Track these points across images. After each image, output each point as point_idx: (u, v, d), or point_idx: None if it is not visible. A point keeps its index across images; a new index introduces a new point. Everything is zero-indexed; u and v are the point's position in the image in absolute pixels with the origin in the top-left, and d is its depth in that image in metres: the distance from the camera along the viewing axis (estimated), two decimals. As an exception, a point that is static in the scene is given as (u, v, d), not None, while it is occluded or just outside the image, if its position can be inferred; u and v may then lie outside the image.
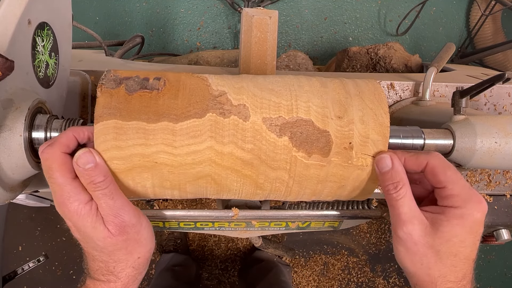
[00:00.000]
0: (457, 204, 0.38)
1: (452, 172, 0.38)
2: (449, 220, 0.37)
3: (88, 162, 0.37)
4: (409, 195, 0.39)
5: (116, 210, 0.38)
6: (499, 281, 1.76)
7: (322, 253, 1.66)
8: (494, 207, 0.70)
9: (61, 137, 0.38)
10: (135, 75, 0.41)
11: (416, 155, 0.40)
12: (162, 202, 1.44)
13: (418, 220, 0.38)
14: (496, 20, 1.58)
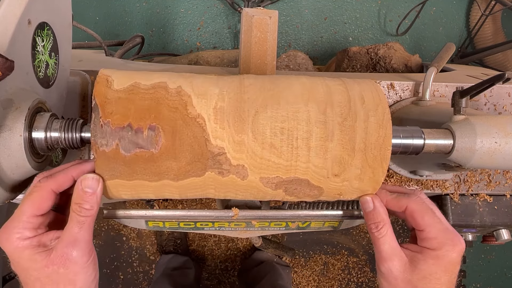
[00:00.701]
0: (433, 246, 0.41)
1: (429, 217, 0.42)
2: (425, 259, 0.41)
3: (90, 187, 0.39)
4: (389, 234, 0.43)
5: (73, 241, 0.38)
6: (499, 281, 1.76)
7: (322, 253, 1.66)
8: (494, 207, 0.70)
9: (59, 175, 0.40)
10: (127, 123, 0.38)
11: (398, 198, 0.44)
12: (162, 202, 1.44)
13: (397, 258, 0.42)
14: (496, 20, 1.58)
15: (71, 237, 0.38)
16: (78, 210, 0.39)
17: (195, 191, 0.43)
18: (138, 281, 1.59)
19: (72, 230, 0.39)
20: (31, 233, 0.38)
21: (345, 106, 0.41)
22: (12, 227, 0.38)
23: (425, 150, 0.46)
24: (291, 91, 0.42)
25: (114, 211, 0.51)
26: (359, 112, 0.41)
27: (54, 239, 0.39)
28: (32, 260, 0.38)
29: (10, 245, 0.38)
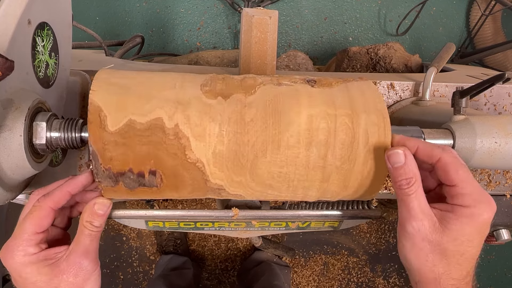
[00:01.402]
0: (467, 203, 0.37)
1: (463, 171, 0.38)
2: (458, 218, 0.37)
3: (101, 210, 0.43)
4: (420, 191, 0.39)
5: (85, 251, 0.42)
6: (499, 281, 1.76)
7: (322, 253, 1.66)
8: (494, 207, 0.70)
9: (56, 193, 0.42)
10: (128, 169, 0.40)
11: (431, 147, 0.40)
12: (162, 202, 1.44)
13: (427, 217, 0.38)
14: (496, 20, 1.58)
15: (83, 248, 0.42)
16: (90, 227, 0.42)
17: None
18: (138, 281, 1.59)
19: (84, 242, 0.42)
20: (35, 249, 0.41)
21: (347, 149, 0.41)
22: (15, 245, 0.40)
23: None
24: (294, 130, 0.41)
25: (114, 211, 0.51)
26: (359, 155, 0.41)
27: (61, 252, 0.42)
28: (41, 273, 0.40)
29: (14, 262, 0.40)
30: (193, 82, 0.43)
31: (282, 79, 0.45)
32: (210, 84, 0.43)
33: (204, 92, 0.41)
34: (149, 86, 0.42)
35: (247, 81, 0.44)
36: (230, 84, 0.43)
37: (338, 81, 0.45)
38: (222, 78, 0.44)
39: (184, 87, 0.42)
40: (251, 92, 0.42)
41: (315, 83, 0.44)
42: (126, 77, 0.43)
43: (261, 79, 0.45)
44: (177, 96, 0.41)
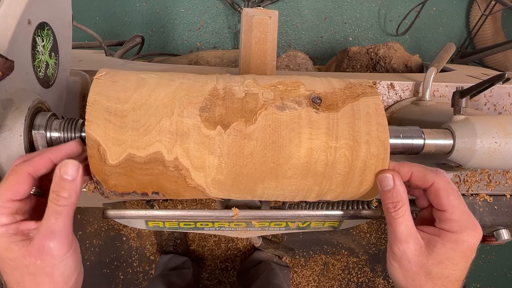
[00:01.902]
0: (454, 229, 0.39)
1: (454, 197, 0.40)
2: (444, 243, 0.39)
3: (68, 174, 0.37)
4: (407, 215, 0.40)
5: (49, 232, 0.36)
6: (499, 281, 1.76)
7: (322, 253, 1.66)
8: (494, 207, 0.70)
9: (36, 158, 0.38)
10: (132, 191, 0.42)
11: (424, 171, 0.41)
12: (162, 202, 1.44)
13: (413, 240, 0.40)
14: (496, 20, 1.58)
15: (47, 228, 0.36)
16: (56, 199, 0.36)
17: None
18: (138, 281, 1.59)
19: (48, 220, 0.36)
20: (8, 219, 0.36)
21: (342, 177, 0.42)
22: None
23: (425, 150, 0.46)
24: (293, 164, 0.41)
25: (114, 211, 0.51)
26: (354, 182, 0.43)
27: (34, 229, 0.37)
28: (8, 249, 0.36)
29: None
30: (192, 103, 0.41)
31: (287, 96, 0.42)
32: (209, 108, 0.41)
33: (203, 120, 0.41)
34: (145, 111, 0.40)
35: (249, 103, 0.42)
36: (231, 108, 0.41)
37: (345, 99, 0.43)
38: (222, 97, 0.42)
39: (182, 114, 0.40)
40: (252, 121, 0.41)
41: (320, 104, 0.42)
42: (121, 97, 0.40)
43: (264, 96, 0.42)
44: (175, 126, 0.40)
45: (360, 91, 0.44)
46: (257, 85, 0.43)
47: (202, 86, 0.42)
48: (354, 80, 0.46)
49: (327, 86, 0.45)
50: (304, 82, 0.45)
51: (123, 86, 0.41)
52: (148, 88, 0.41)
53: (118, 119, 0.39)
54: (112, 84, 0.41)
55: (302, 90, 0.43)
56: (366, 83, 0.45)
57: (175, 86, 0.42)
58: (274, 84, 0.44)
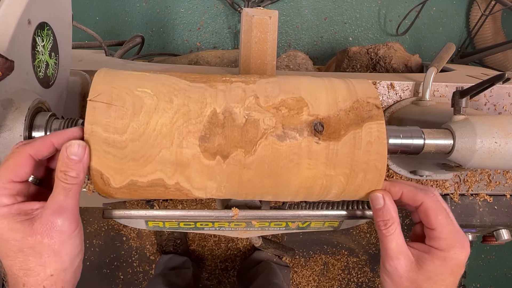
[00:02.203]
0: (442, 247, 0.41)
1: (443, 217, 0.42)
2: (433, 260, 0.41)
3: (75, 154, 0.37)
4: (397, 232, 0.42)
5: (59, 208, 0.37)
6: (499, 281, 1.76)
7: (322, 253, 1.66)
8: (494, 207, 0.70)
9: (37, 140, 0.38)
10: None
11: (414, 191, 0.43)
12: (162, 202, 1.44)
13: (404, 256, 0.42)
14: (496, 20, 1.58)
15: (56, 204, 0.36)
16: (64, 178, 0.37)
17: None
18: (138, 281, 1.59)
19: (58, 197, 0.37)
20: (9, 200, 0.36)
21: (336, 195, 0.45)
22: None
23: (425, 150, 0.46)
24: (290, 191, 0.44)
25: (114, 211, 0.51)
26: (347, 196, 0.46)
27: (37, 209, 0.37)
28: (13, 229, 0.36)
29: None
30: (191, 132, 0.41)
31: (288, 123, 0.41)
32: (209, 138, 0.41)
33: (202, 150, 0.41)
34: (144, 142, 0.40)
35: (249, 132, 0.41)
36: (230, 137, 0.41)
37: (348, 126, 0.42)
38: (222, 124, 0.41)
39: (181, 145, 0.40)
40: (251, 152, 0.41)
41: (321, 133, 0.42)
42: (118, 127, 0.40)
43: (265, 123, 0.41)
44: (175, 156, 0.41)
45: (365, 114, 0.43)
46: (259, 106, 0.42)
47: (201, 109, 0.41)
48: (361, 92, 0.44)
49: (332, 103, 0.43)
50: (308, 100, 0.43)
51: (119, 112, 0.40)
52: (145, 113, 0.40)
53: (118, 150, 0.39)
54: (107, 109, 0.39)
55: (305, 115, 0.42)
56: (374, 102, 0.44)
57: (173, 111, 0.41)
58: (276, 105, 0.42)
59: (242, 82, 0.44)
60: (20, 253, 0.36)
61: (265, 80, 0.45)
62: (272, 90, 0.43)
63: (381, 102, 0.68)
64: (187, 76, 0.45)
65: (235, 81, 0.44)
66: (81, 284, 0.42)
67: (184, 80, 0.44)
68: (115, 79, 0.42)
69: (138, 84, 0.42)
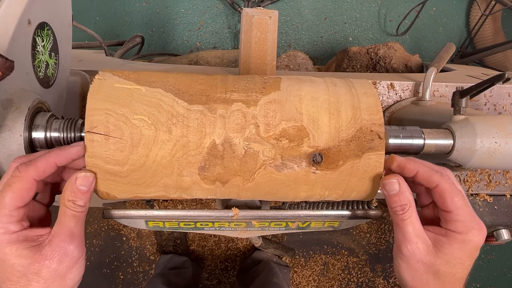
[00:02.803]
0: (460, 230, 0.40)
1: (459, 199, 0.40)
2: (451, 243, 0.40)
3: (84, 186, 0.39)
4: (414, 216, 0.41)
5: (70, 235, 0.38)
6: (499, 281, 1.76)
7: (322, 253, 1.66)
8: (494, 207, 0.70)
9: (41, 162, 0.38)
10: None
11: (430, 172, 0.42)
12: (162, 202, 1.44)
13: (421, 240, 0.41)
14: (496, 20, 1.58)
15: (68, 231, 0.38)
16: (73, 206, 0.38)
17: None
18: (138, 281, 1.59)
19: (68, 224, 0.38)
20: (17, 226, 0.36)
21: (334, 199, 0.48)
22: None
23: (425, 150, 0.46)
24: (287, 199, 0.46)
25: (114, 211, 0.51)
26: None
27: (44, 235, 0.38)
28: (21, 256, 0.36)
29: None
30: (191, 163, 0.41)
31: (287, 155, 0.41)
32: (208, 168, 0.41)
33: (202, 178, 0.42)
34: (145, 172, 0.41)
35: (248, 163, 0.42)
36: (229, 167, 0.42)
37: (347, 157, 0.42)
38: (221, 155, 0.41)
39: (182, 174, 0.41)
40: (250, 180, 0.42)
41: (320, 163, 0.42)
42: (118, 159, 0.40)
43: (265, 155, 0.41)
44: (176, 183, 0.42)
45: (367, 144, 0.42)
46: (259, 137, 0.41)
47: (200, 140, 0.41)
48: (365, 113, 0.43)
49: (334, 132, 0.42)
50: (310, 129, 0.42)
51: (118, 144, 0.40)
52: (144, 145, 0.40)
53: (121, 179, 0.41)
54: (106, 141, 0.40)
55: (305, 147, 0.42)
56: (377, 130, 0.42)
57: (172, 143, 0.40)
58: (277, 135, 0.41)
59: (242, 103, 0.42)
60: (23, 278, 0.37)
61: (266, 99, 0.42)
62: (273, 116, 0.42)
63: (381, 102, 0.68)
64: (185, 88, 0.43)
65: (235, 100, 0.42)
66: (81, 284, 0.42)
67: (182, 100, 0.42)
68: (111, 98, 0.41)
69: (134, 109, 0.40)
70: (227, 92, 0.43)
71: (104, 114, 0.40)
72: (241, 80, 0.45)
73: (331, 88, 0.45)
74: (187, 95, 0.42)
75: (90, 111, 0.40)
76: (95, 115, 0.40)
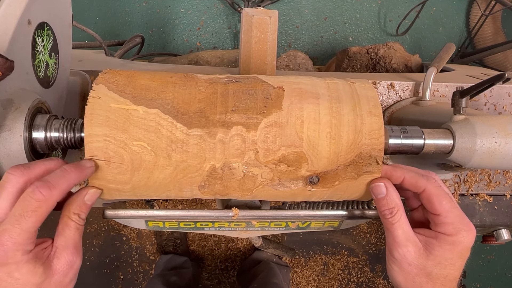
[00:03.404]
0: (449, 232, 0.41)
1: (447, 201, 0.41)
2: (441, 245, 0.41)
3: (91, 200, 0.40)
4: (403, 219, 0.42)
5: (75, 248, 0.39)
6: (499, 281, 1.76)
7: (322, 253, 1.66)
8: (494, 207, 0.70)
9: (63, 185, 0.38)
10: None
11: (416, 177, 0.42)
12: (162, 202, 1.44)
13: (412, 243, 0.41)
14: (496, 20, 1.58)
15: (73, 243, 0.39)
16: (78, 219, 0.39)
17: None
18: (138, 281, 1.59)
19: (74, 237, 0.39)
20: (32, 246, 0.37)
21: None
22: (15, 244, 0.35)
23: (425, 150, 0.46)
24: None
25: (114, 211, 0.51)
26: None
27: (46, 248, 0.38)
28: (36, 274, 0.36)
29: (11, 262, 0.35)
30: (191, 183, 0.42)
31: (285, 178, 0.42)
32: (208, 186, 0.42)
33: (202, 193, 0.44)
34: (146, 190, 0.42)
35: (246, 184, 0.42)
36: (228, 186, 0.43)
37: (344, 179, 0.43)
38: (221, 177, 0.41)
39: (182, 190, 0.43)
40: (248, 194, 0.43)
41: (316, 183, 0.43)
42: (121, 180, 0.41)
43: (263, 177, 0.42)
44: (177, 195, 0.44)
45: (364, 168, 0.42)
46: (258, 162, 0.41)
47: (199, 164, 0.41)
48: (367, 135, 0.42)
49: (333, 158, 0.42)
50: (309, 155, 0.41)
51: (119, 169, 0.40)
52: (145, 170, 0.41)
53: (124, 193, 0.43)
54: (107, 166, 0.40)
55: (303, 171, 0.42)
56: (376, 155, 0.42)
57: (172, 167, 0.41)
58: (276, 161, 0.41)
59: (242, 126, 0.41)
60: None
61: (267, 121, 0.41)
62: (273, 141, 0.41)
63: (381, 102, 0.68)
64: (184, 108, 0.41)
65: (235, 123, 0.41)
66: (81, 284, 0.42)
67: (181, 124, 0.40)
68: (109, 122, 0.40)
69: (133, 135, 0.40)
70: (227, 113, 0.41)
71: (103, 140, 0.40)
72: (242, 94, 0.42)
73: (335, 106, 0.42)
74: (186, 117, 0.41)
75: (88, 137, 0.40)
76: (94, 142, 0.40)
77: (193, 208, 1.49)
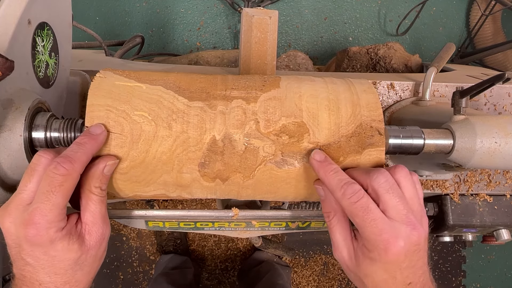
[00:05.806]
0: (368, 247, 0.39)
1: (366, 213, 0.38)
2: (364, 259, 0.40)
3: (110, 171, 0.40)
4: (340, 224, 0.41)
5: (103, 219, 0.40)
6: (499, 281, 1.76)
7: (322, 253, 1.66)
8: (494, 207, 0.70)
9: (83, 157, 0.38)
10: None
11: (330, 200, 0.42)
12: (162, 202, 1.44)
13: (346, 250, 0.41)
14: (496, 20, 1.58)
15: (101, 216, 0.39)
16: (100, 192, 0.39)
17: None
18: (138, 281, 1.59)
19: (100, 209, 0.39)
20: (64, 222, 0.37)
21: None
22: (47, 222, 0.35)
23: (425, 150, 0.46)
24: (287, 198, 0.46)
25: (114, 211, 0.51)
26: None
27: (76, 224, 0.38)
28: (71, 250, 0.37)
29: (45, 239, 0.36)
30: (191, 159, 0.41)
31: (288, 151, 0.41)
32: (208, 164, 0.41)
33: (202, 174, 0.42)
34: (145, 169, 0.41)
35: (248, 160, 0.41)
36: (229, 164, 0.41)
37: (348, 154, 0.42)
38: (221, 151, 0.41)
39: (181, 171, 0.41)
40: (250, 177, 0.42)
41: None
42: (119, 155, 0.40)
43: (265, 151, 0.41)
44: (175, 180, 0.42)
45: (367, 140, 0.42)
46: (259, 132, 0.41)
47: (200, 136, 0.40)
48: (365, 109, 0.42)
49: (334, 129, 0.42)
50: (310, 125, 0.41)
51: (118, 140, 0.40)
52: (144, 141, 0.40)
53: (120, 175, 0.41)
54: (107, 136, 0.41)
55: (305, 142, 0.41)
56: (377, 126, 0.42)
57: (172, 138, 0.40)
58: (277, 131, 0.41)
59: (242, 100, 0.42)
60: (70, 270, 0.38)
61: (266, 96, 0.42)
62: (273, 112, 0.41)
63: (381, 103, 0.68)
64: (186, 86, 0.43)
65: (235, 97, 0.42)
66: (81, 284, 0.42)
67: (182, 97, 0.41)
68: (112, 94, 0.41)
69: (135, 106, 0.40)
70: (227, 90, 0.43)
71: (104, 110, 0.40)
72: (241, 79, 0.45)
73: (330, 86, 0.45)
74: (188, 92, 0.42)
75: (90, 107, 0.40)
76: (95, 111, 0.40)
77: (193, 208, 1.49)
